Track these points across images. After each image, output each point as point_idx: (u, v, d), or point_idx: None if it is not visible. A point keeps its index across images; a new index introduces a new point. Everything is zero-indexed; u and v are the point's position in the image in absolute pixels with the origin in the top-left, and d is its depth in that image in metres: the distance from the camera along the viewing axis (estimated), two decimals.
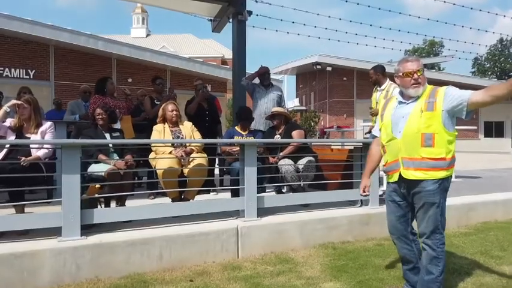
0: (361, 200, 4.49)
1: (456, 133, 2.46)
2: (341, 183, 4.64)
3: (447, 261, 3.41)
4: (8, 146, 3.49)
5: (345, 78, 26.54)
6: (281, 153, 4.55)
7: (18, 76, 13.09)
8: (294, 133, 4.79)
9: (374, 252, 3.69)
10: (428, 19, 12.46)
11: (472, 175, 8.21)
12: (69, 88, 13.42)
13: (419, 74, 2.44)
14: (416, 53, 49.61)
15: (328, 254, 3.64)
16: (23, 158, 3.35)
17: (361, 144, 4.56)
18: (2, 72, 12.95)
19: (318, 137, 22.98)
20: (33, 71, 13.40)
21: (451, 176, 2.49)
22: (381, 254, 3.62)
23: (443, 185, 2.44)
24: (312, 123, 27.42)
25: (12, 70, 13.08)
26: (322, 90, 29.69)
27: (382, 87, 5.22)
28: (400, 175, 2.51)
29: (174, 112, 4.31)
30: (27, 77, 13.26)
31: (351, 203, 4.55)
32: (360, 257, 3.57)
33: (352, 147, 5.09)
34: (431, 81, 2.67)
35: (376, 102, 5.22)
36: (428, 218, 2.46)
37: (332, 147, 7.35)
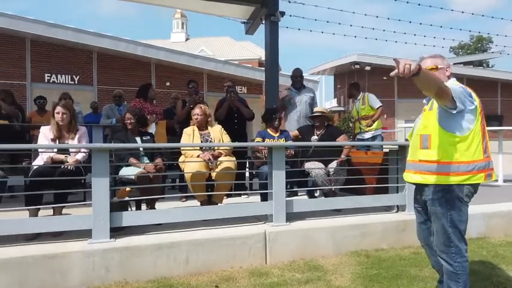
0: (397, 206, 4.28)
1: (465, 134, 2.15)
2: (376, 187, 4.45)
3: (491, 273, 3.17)
4: (48, 154, 3.61)
5: (385, 78, 25.66)
6: (340, 157, 4.54)
7: (64, 82, 13.73)
8: (340, 139, 4.72)
9: (410, 262, 3.49)
10: (472, 14, 11.76)
11: None
12: (111, 92, 13.88)
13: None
14: (462, 49, 47.33)
15: (361, 262, 3.48)
16: (68, 161, 3.50)
17: (397, 146, 4.35)
18: (49, 78, 13.64)
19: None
20: (78, 77, 14.01)
21: (466, 185, 2.20)
22: (418, 264, 3.41)
23: (451, 194, 2.20)
24: (351, 124, 26.84)
25: (59, 76, 13.74)
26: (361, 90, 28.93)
27: (358, 97, 6.44)
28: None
29: (195, 116, 4.34)
30: (72, 82, 13.87)
31: (387, 209, 4.35)
32: (394, 266, 3.38)
33: (387, 150, 4.88)
34: (479, 79, 2.49)
35: (357, 112, 6.40)
36: (436, 230, 2.29)
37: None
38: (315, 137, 4.73)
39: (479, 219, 4.27)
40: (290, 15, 7.77)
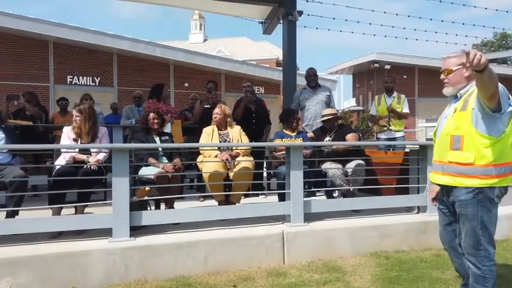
0: (418, 207, 4.19)
1: (500, 136, 2.09)
2: (396, 188, 4.38)
3: None
4: (70, 154, 3.69)
5: (405, 76, 25.33)
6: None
7: (85, 83, 14.04)
8: (349, 136, 4.61)
9: (431, 264, 3.41)
10: (496, 10, 11.44)
11: None
12: (130, 93, 14.06)
13: (445, 73, 2.25)
14: (485, 46, 46.11)
15: (380, 264, 3.43)
16: (90, 161, 3.58)
17: (418, 146, 4.27)
18: (71, 80, 13.97)
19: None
20: (99, 78, 14.29)
21: (498, 187, 2.15)
22: (439, 266, 3.34)
23: (482, 195, 2.14)
24: (370, 124, 26.48)
25: (80, 78, 14.05)
26: (380, 90, 28.56)
27: (393, 95, 6.23)
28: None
29: (214, 115, 4.38)
30: (93, 84, 14.17)
31: (407, 210, 4.27)
32: (415, 268, 3.31)
33: (408, 150, 4.80)
34: (503, 77, 2.38)
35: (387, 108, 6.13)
36: (466, 232, 2.21)
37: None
38: (328, 138, 4.68)
39: (504, 221, 4.15)
40: (308, 15, 7.70)
